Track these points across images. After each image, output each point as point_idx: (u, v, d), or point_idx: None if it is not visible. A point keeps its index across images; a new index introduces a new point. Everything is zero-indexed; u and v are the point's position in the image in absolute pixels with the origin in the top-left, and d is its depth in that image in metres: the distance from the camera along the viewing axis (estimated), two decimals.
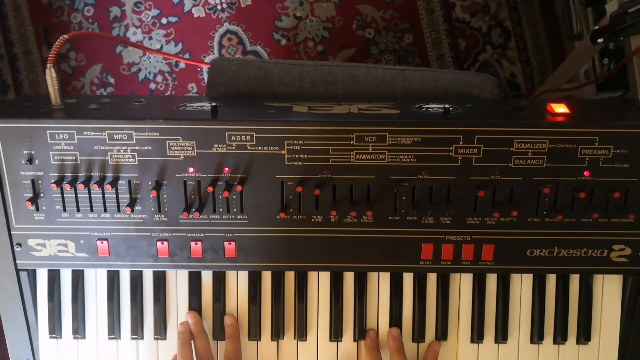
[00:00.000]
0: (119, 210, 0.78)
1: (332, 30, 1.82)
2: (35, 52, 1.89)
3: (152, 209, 0.78)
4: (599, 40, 1.13)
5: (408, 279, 0.83)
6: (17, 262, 0.81)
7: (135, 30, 1.84)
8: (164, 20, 1.84)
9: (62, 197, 0.78)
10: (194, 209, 0.78)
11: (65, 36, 0.77)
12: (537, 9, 1.77)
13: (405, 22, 1.81)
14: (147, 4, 1.83)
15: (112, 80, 1.87)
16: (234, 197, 0.78)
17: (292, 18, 1.81)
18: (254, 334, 0.84)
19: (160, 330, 0.83)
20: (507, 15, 1.78)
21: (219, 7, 1.82)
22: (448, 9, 1.80)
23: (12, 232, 0.79)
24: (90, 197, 0.78)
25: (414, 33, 1.81)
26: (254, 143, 0.75)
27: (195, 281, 0.83)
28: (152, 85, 1.87)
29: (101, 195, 0.78)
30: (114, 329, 0.83)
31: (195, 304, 0.83)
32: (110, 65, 1.87)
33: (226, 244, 0.80)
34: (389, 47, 1.81)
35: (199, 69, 1.86)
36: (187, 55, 1.86)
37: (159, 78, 1.86)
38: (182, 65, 1.86)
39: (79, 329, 0.84)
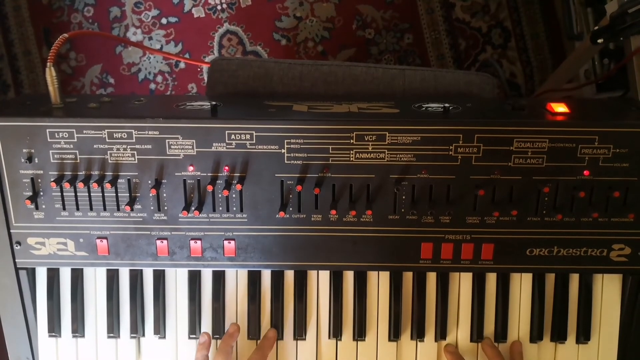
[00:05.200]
0: (118, 209, 0.78)
1: (332, 31, 1.82)
2: (35, 52, 1.89)
3: (152, 208, 0.78)
4: (599, 41, 1.13)
5: (407, 278, 0.83)
6: (16, 260, 0.81)
7: (135, 31, 1.84)
8: (164, 21, 1.84)
9: (62, 196, 0.78)
10: (193, 208, 0.78)
11: (66, 35, 0.77)
12: (537, 9, 1.78)
13: (405, 22, 1.81)
14: (147, 4, 1.83)
15: (112, 81, 1.87)
16: (234, 195, 0.78)
17: (292, 18, 1.81)
18: (253, 333, 0.83)
19: (160, 329, 0.83)
20: (507, 15, 1.78)
21: (219, 7, 1.82)
22: (448, 9, 1.80)
23: (11, 231, 0.79)
24: (89, 196, 0.78)
25: (414, 33, 1.81)
26: (254, 142, 0.75)
27: (194, 280, 0.83)
28: (152, 86, 1.87)
29: (101, 194, 0.78)
30: (113, 328, 0.83)
31: (194, 303, 0.83)
32: (110, 66, 1.87)
33: (226, 242, 0.80)
34: (389, 48, 1.81)
35: (199, 69, 1.86)
36: (187, 56, 1.86)
37: (159, 78, 1.86)
38: (182, 65, 1.86)
39: (78, 328, 0.84)
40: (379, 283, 0.83)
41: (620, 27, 1.05)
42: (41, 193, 0.78)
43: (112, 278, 0.83)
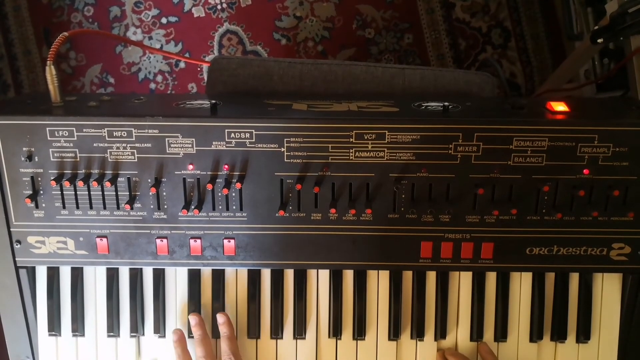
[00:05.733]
0: (118, 208, 0.78)
1: (332, 30, 1.82)
2: (35, 52, 1.89)
3: (152, 206, 0.78)
4: (599, 40, 1.13)
5: (407, 277, 0.83)
6: (16, 259, 0.81)
7: (135, 30, 1.84)
8: (164, 20, 1.84)
9: (62, 194, 0.78)
10: (193, 207, 0.78)
11: (66, 33, 0.77)
12: (537, 9, 1.77)
13: (405, 22, 1.81)
14: (147, 4, 1.83)
15: (112, 80, 1.87)
16: (233, 194, 0.78)
17: (292, 18, 1.81)
18: (253, 332, 0.83)
19: (160, 327, 0.83)
20: (507, 15, 1.78)
21: (219, 7, 1.82)
22: (448, 9, 1.80)
23: (11, 230, 0.79)
24: (89, 195, 0.78)
25: (414, 33, 1.81)
26: (254, 140, 0.75)
27: (194, 279, 0.83)
28: (152, 85, 1.87)
29: (100, 193, 0.78)
30: (113, 327, 0.83)
31: (194, 302, 0.83)
32: (110, 65, 1.87)
33: (225, 241, 0.80)
34: (389, 47, 1.81)
35: (199, 69, 1.86)
36: (187, 55, 1.86)
37: (159, 78, 1.86)
38: (182, 65, 1.86)
39: (78, 327, 0.84)
40: (378, 282, 0.83)
41: (620, 27, 1.05)
42: (41, 192, 0.78)
43: (112, 277, 0.83)
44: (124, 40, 1.84)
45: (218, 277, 0.83)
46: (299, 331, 0.83)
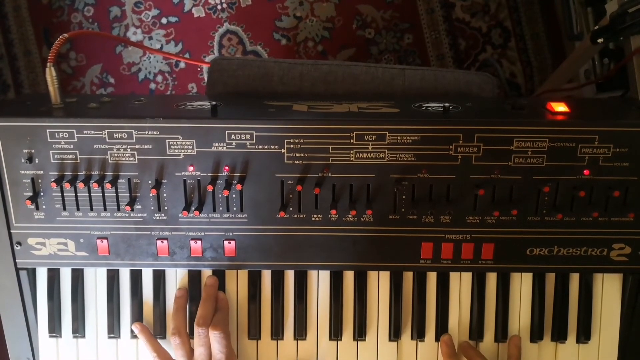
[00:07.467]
0: (118, 209, 0.78)
1: (332, 30, 1.82)
2: (36, 52, 1.89)
3: (152, 208, 0.78)
4: (599, 40, 1.13)
5: (408, 278, 0.83)
6: (16, 261, 0.81)
7: (135, 30, 1.84)
8: (164, 20, 1.84)
9: (62, 196, 0.78)
10: (193, 208, 0.78)
11: (66, 35, 0.77)
12: (537, 9, 1.77)
13: (405, 22, 1.81)
14: (147, 4, 1.83)
15: (112, 80, 1.87)
16: (234, 195, 0.78)
17: (292, 18, 1.81)
18: (254, 333, 0.84)
19: (160, 329, 0.83)
20: (507, 15, 1.78)
21: (219, 7, 1.82)
22: (448, 9, 1.80)
23: (11, 231, 0.79)
24: (90, 196, 0.78)
25: (414, 33, 1.81)
26: (254, 142, 0.75)
27: (194, 280, 0.83)
28: (152, 85, 1.87)
29: (101, 194, 0.78)
30: (113, 328, 0.83)
31: (194, 304, 0.83)
32: (110, 65, 1.87)
33: (226, 242, 0.80)
34: (389, 47, 1.81)
35: (199, 69, 1.86)
36: (187, 55, 1.86)
37: (159, 78, 1.86)
38: (182, 65, 1.86)
39: (78, 328, 0.84)
40: (379, 283, 0.83)
41: (620, 27, 1.05)
42: (41, 193, 0.78)
43: (113, 278, 0.83)
44: (123, 41, 1.84)
45: (218, 278, 0.83)
46: (300, 332, 0.83)
